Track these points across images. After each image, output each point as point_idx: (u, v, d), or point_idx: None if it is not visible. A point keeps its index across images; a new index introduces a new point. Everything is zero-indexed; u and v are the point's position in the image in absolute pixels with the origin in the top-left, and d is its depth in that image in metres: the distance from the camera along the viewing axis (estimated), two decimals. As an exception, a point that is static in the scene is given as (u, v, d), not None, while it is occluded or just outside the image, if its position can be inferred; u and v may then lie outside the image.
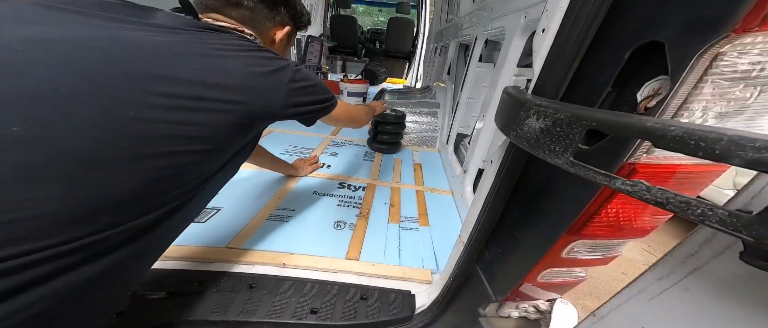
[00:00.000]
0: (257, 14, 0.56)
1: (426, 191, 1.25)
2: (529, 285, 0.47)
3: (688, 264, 0.22)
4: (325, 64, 3.89)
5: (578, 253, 0.40)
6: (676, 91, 0.24)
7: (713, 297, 0.21)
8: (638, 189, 0.18)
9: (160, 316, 0.56)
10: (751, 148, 0.13)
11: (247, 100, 0.44)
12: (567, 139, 0.25)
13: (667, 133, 0.16)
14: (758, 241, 0.13)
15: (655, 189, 0.17)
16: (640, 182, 0.18)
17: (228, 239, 0.79)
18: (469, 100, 1.40)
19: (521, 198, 0.48)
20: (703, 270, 0.21)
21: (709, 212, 0.15)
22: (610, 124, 0.21)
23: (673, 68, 0.24)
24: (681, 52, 0.24)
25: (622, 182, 0.19)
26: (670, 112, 0.25)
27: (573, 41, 0.34)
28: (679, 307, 0.22)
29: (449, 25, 2.10)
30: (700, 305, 0.21)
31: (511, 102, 0.38)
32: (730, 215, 0.14)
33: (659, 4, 0.26)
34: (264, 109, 0.47)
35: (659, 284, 0.24)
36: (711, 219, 0.15)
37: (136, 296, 0.59)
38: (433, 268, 0.82)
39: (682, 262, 0.23)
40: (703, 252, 0.21)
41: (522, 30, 0.86)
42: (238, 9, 0.53)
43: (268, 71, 0.47)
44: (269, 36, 0.60)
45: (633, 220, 0.33)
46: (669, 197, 0.17)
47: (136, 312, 0.56)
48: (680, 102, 0.24)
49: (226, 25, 0.52)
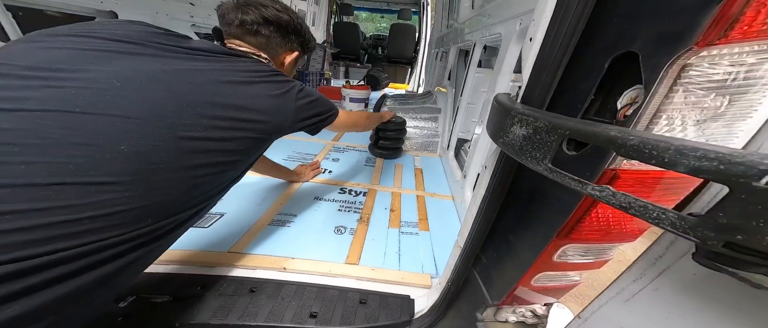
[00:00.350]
0: (271, 41, 0.65)
1: (427, 195, 1.25)
2: (524, 289, 0.48)
3: (658, 265, 0.23)
4: (328, 70, 3.95)
5: (570, 256, 0.40)
6: (649, 100, 0.25)
7: (679, 297, 0.21)
8: (606, 194, 0.20)
9: (164, 319, 0.58)
10: (693, 157, 0.14)
11: (267, 119, 0.54)
12: (546, 147, 0.26)
13: (626, 142, 0.17)
14: (702, 242, 0.14)
15: (620, 194, 0.18)
16: (607, 187, 0.19)
17: (230, 244, 0.81)
18: (468, 105, 1.41)
19: (515, 202, 0.49)
20: (669, 271, 0.22)
21: (663, 215, 0.16)
22: (582, 132, 0.22)
23: (646, 78, 0.25)
24: (653, 62, 0.25)
25: (592, 188, 0.21)
26: (644, 121, 0.26)
27: (557, 50, 0.35)
28: (651, 307, 0.23)
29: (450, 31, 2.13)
30: (668, 305, 0.22)
31: (499, 110, 0.40)
32: (679, 218, 0.15)
33: (633, 17, 0.27)
34: (278, 125, 0.57)
35: (634, 285, 0.25)
36: (664, 222, 0.16)
37: (141, 299, 0.61)
38: (433, 272, 0.82)
39: (653, 263, 0.23)
40: (669, 254, 0.22)
41: (517, 36, 0.87)
42: (257, 37, 0.63)
43: (280, 93, 0.58)
44: (280, 59, 0.69)
45: (622, 224, 0.34)
46: (631, 201, 0.18)
47: (141, 315, 0.58)
48: (653, 110, 0.25)
49: (247, 50, 0.62)
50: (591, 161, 0.28)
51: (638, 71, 0.25)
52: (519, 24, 0.84)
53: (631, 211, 0.18)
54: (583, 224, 0.32)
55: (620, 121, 0.27)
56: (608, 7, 0.29)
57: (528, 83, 0.41)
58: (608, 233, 0.32)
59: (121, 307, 0.59)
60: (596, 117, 0.31)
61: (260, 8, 0.61)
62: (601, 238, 0.33)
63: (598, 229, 0.32)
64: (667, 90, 0.23)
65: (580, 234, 0.33)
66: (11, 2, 1.20)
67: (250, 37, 0.62)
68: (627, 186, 0.23)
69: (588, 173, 0.26)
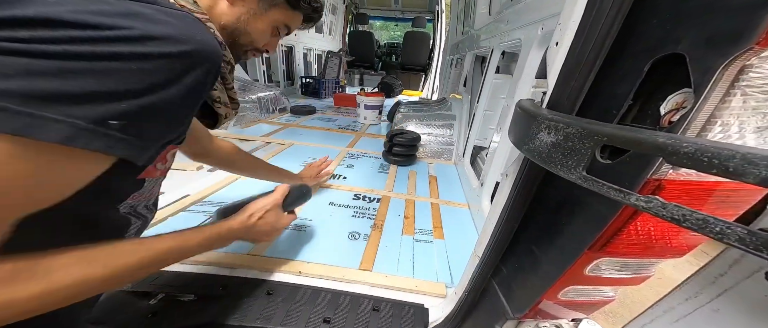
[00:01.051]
0: None
1: (441, 203, 1.23)
2: (549, 303, 0.45)
3: (719, 284, 0.21)
4: (344, 78, 4.04)
5: (604, 271, 0.38)
6: (701, 105, 0.23)
7: (745, 320, 0.19)
8: (653, 205, 0.18)
9: (188, 318, 0.60)
10: (764, 167, 0.12)
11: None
12: (579, 154, 0.25)
13: (679, 149, 0.16)
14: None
15: (672, 205, 0.17)
16: (655, 198, 0.18)
17: (250, 246, 0.83)
18: (485, 112, 1.39)
19: (540, 212, 0.46)
20: (733, 291, 0.20)
21: (728, 230, 0.14)
22: (622, 139, 0.21)
23: (696, 81, 0.23)
24: (703, 64, 0.23)
25: (637, 198, 0.19)
26: (696, 127, 0.24)
27: (588, 54, 0.34)
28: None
29: (465, 38, 2.12)
30: (731, 327, 0.20)
31: (523, 116, 0.38)
32: (750, 234, 0.13)
33: (677, 18, 0.26)
34: None
35: (687, 304, 0.23)
36: (730, 237, 0.14)
37: (169, 297, 0.63)
38: (448, 282, 0.80)
39: (711, 282, 0.21)
40: (732, 272, 0.20)
41: (539, 41, 0.85)
42: None
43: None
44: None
45: (667, 238, 0.31)
46: (685, 213, 0.16)
47: (168, 313, 0.61)
48: (707, 116, 0.23)
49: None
50: (629, 170, 0.27)
51: (685, 74, 0.23)
52: (541, 29, 0.82)
53: (685, 224, 0.16)
54: (621, 237, 0.29)
55: (665, 127, 0.25)
56: (647, 8, 0.27)
57: (554, 88, 0.39)
58: (650, 247, 0.29)
59: (151, 304, 0.62)
60: (634, 123, 0.29)
61: None
62: (642, 252, 0.30)
63: (637, 242, 0.29)
64: (722, 94, 0.22)
65: (617, 247, 0.31)
66: None
67: None
68: (673, 198, 0.22)
69: (626, 182, 0.24)
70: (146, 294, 0.64)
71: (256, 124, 2.12)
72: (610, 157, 0.28)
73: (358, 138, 2.05)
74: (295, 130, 2.13)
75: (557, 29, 0.41)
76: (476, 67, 1.79)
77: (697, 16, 0.24)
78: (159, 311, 0.60)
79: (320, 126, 2.30)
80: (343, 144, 1.88)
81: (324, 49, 4.48)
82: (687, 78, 0.23)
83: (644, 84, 0.28)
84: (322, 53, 4.47)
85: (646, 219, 0.28)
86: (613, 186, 0.21)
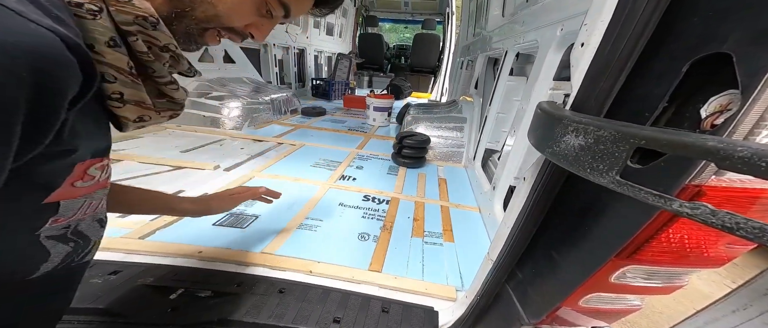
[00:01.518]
0: None
1: (451, 206, 1.22)
2: (568, 309, 0.43)
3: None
4: (353, 80, 4.07)
5: (631, 279, 0.36)
6: (749, 108, 0.22)
7: None
8: (701, 212, 0.17)
9: (206, 313, 0.61)
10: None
11: None
12: (612, 158, 0.24)
13: (732, 153, 0.15)
14: None
15: (722, 213, 0.16)
16: (703, 204, 0.17)
17: (263, 245, 0.84)
18: (498, 114, 1.36)
19: (561, 217, 0.45)
20: None
21: (793, 242, 0.13)
22: (664, 142, 0.20)
23: (744, 82, 0.22)
24: (752, 64, 0.22)
25: (681, 204, 0.18)
26: (743, 130, 0.22)
27: (618, 55, 0.33)
28: (761, 349, 0.19)
29: (477, 40, 2.11)
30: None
31: (545, 118, 0.37)
32: (821, 246, 0.12)
33: (721, 15, 0.24)
34: None
35: (734, 316, 0.21)
36: (796, 249, 0.13)
37: (188, 293, 0.65)
38: (458, 285, 0.79)
39: (764, 294, 0.20)
40: None
41: (558, 43, 0.83)
42: None
43: None
44: None
45: (704, 247, 0.29)
46: (739, 221, 0.15)
47: (187, 308, 0.62)
48: (756, 119, 0.22)
49: None
50: (665, 175, 0.25)
51: (730, 75, 0.22)
52: (560, 30, 0.80)
53: (739, 233, 0.15)
54: (652, 245, 0.28)
55: (708, 130, 0.24)
56: (686, 6, 0.26)
57: (580, 90, 0.38)
58: (684, 256, 0.28)
59: (171, 299, 0.63)
60: (669, 126, 0.27)
61: None
62: (675, 261, 0.29)
63: (670, 251, 0.28)
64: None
65: (647, 255, 0.29)
66: None
67: None
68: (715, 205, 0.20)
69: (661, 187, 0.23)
70: (167, 289, 0.65)
71: (269, 125, 2.15)
72: (639, 162, 0.27)
73: (367, 140, 2.06)
74: (306, 131, 2.16)
75: (583, 30, 0.40)
76: (488, 69, 1.77)
77: (744, 12, 0.22)
78: (178, 306, 0.62)
79: (330, 128, 2.32)
80: (352, 145, 1.89)
81: (334, 52, 4.53)
82: (732, 79, 0.22)
83: (681, 85, 0.26)
84: (332, 55, 4.52)
85: (679, 227, 0.27)
86: (652, 191, 0.20)
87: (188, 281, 0.68)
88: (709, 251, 0.27)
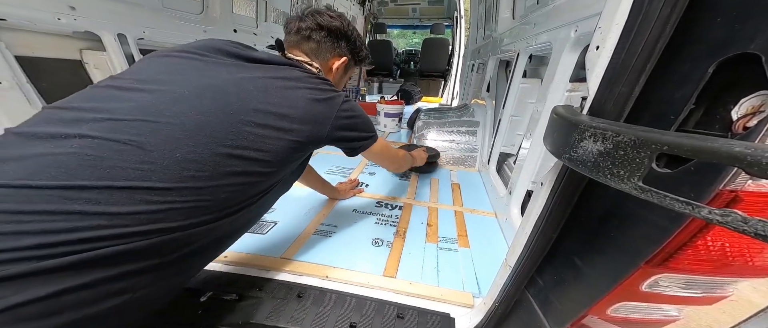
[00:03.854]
0: (322, 47, 0.67)
1: (465, 211, 1.20)
2: (595, 318, 0.42)
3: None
4: (364, 87, 4.13)
5: (665, 288, 0.34)
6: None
7: None
8: (732, 220, 0.17)
9: (231, 316, 0.64)
10: None
11: (303, 128, 0.52)
12: (633, 164, 0.24)
13: (761, 159, 0.15)
14: None
15: (755, 220, 0.16)
16: (734, 211, 0.16)
17: (282, 250, 0.87)
18: (512, 117, 1.34)
19: (582, 222, 0.44)
20: None
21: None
22: (687, 148, 0.19)
23: (771, 83, 0.21)
24: (779, 65, 0.21)
25: (710, 211, 0.18)
26: (773, 133, 0.22)
27: (636, 58, 0.32)
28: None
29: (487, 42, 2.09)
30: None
31: (561, 123, 0.37)
32: None
33: (746, 14, 0.24)
34: (314, 134, 0.55)
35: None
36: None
37: (215, 296, 0.68)
38: (475, 291, 0.77)
39: None
40: None
41: (573, 44, 0.82)
42: (309, 42, 0.66)
43: (322, 99, 0.56)
44: (328, 65, 0.70)
45: (748, 255, 0.28)
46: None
47: (215, 310, 0.65)
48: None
49: (300, 59, 0.65)
50: (697, 180, 0.25)
51: (758, 75, 0.21)
52: (574, 31, 0.79)
53: (775, 241, 0.15)
54: (687, 252, 0.27)
55: (739, 133, 0.23)
56: (707, 6, 0.26)
57: (597, 94, 0.38)
58: (725, 265, 0.26)
59: (201, 301, 0.67)
60: (698, 129, 0.27)
61: (316, 16, 0.65)
62: (715, 270, 0.27)
63: (708, 259, 0.27)
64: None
65: (681, 263, 0.28)
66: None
67: (305, 44, 0.66)
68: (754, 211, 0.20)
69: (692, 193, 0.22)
70: (197, 292, 0.69)
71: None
72: (668, 166, 0.26)
73: (378, 145, 2.07)
74: (319, 137, 2.20)
75: (597, 33, 0.39)
76: (500, 71, 1.75)
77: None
78: (208, 308, 0.65)
79: (342, 133, 2.35)
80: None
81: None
82: (762, 79, 0.21)
83: (707, 87, 0.26)
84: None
85: (719, 234, 0.25)
86: (678, 198, 0.20)
87: (215, 285, 0.71)
88: (755, 259, 0.25)
